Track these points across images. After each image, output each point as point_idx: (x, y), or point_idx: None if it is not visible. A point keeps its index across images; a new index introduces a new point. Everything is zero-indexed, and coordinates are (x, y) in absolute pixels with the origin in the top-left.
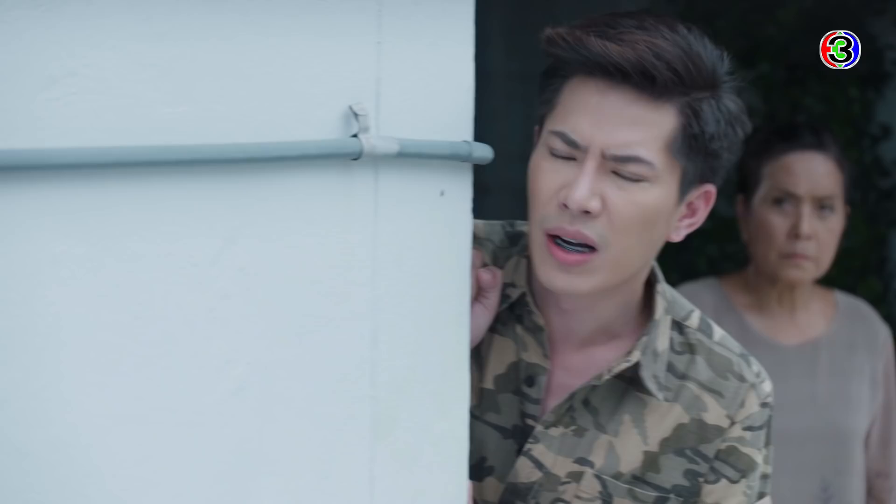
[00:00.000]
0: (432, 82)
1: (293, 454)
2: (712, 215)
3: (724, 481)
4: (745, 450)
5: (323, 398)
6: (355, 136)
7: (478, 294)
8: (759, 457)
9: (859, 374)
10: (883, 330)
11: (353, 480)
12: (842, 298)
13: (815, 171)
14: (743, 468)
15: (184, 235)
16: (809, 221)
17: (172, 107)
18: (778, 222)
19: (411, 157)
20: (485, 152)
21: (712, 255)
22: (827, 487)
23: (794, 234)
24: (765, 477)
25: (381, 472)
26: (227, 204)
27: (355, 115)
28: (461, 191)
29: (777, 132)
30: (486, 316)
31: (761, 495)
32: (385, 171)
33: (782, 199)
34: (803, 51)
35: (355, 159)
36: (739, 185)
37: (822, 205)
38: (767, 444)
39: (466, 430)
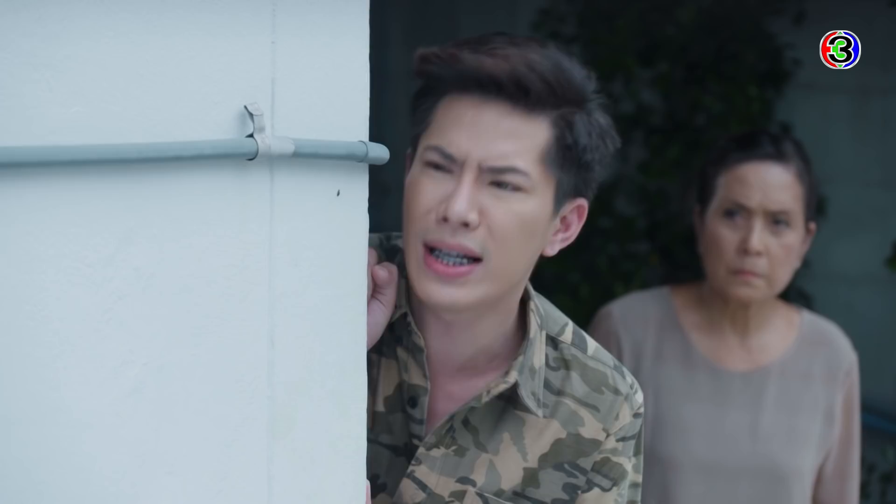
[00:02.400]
0: (328, 82)
1: (190, 455)
2: (613, 214)
3: (596, 490)
4: (616, 459)
5: (220, 398)
6: (251, 136)
7: (374, 291)
8: (628, 465)
9: (811, 409)
10: (848, 358)
11: (251, 481)
12: (807, 320)
13: (770, 183)
14: (615, 477)
15: (78, 236)
16: (760, 236)
17: (66, 107)
18: (728, 236)
19: (307, 158)
20: (381, 152)
21: (613, 254)
22: None
23: (744, 249)
24: (635, 486)
25: (280, 473)
26: (122, 204)
27: (250, 114)
28: (357, 191)
29: (736, 140)
30: (384, 313)
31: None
32: (281, 171)
33: (734, 211)
34: (702, 50)
35: (251, 159)
36: (697, 194)
37: (775, 219)
38: (637, 453)
39: (364, 430)
